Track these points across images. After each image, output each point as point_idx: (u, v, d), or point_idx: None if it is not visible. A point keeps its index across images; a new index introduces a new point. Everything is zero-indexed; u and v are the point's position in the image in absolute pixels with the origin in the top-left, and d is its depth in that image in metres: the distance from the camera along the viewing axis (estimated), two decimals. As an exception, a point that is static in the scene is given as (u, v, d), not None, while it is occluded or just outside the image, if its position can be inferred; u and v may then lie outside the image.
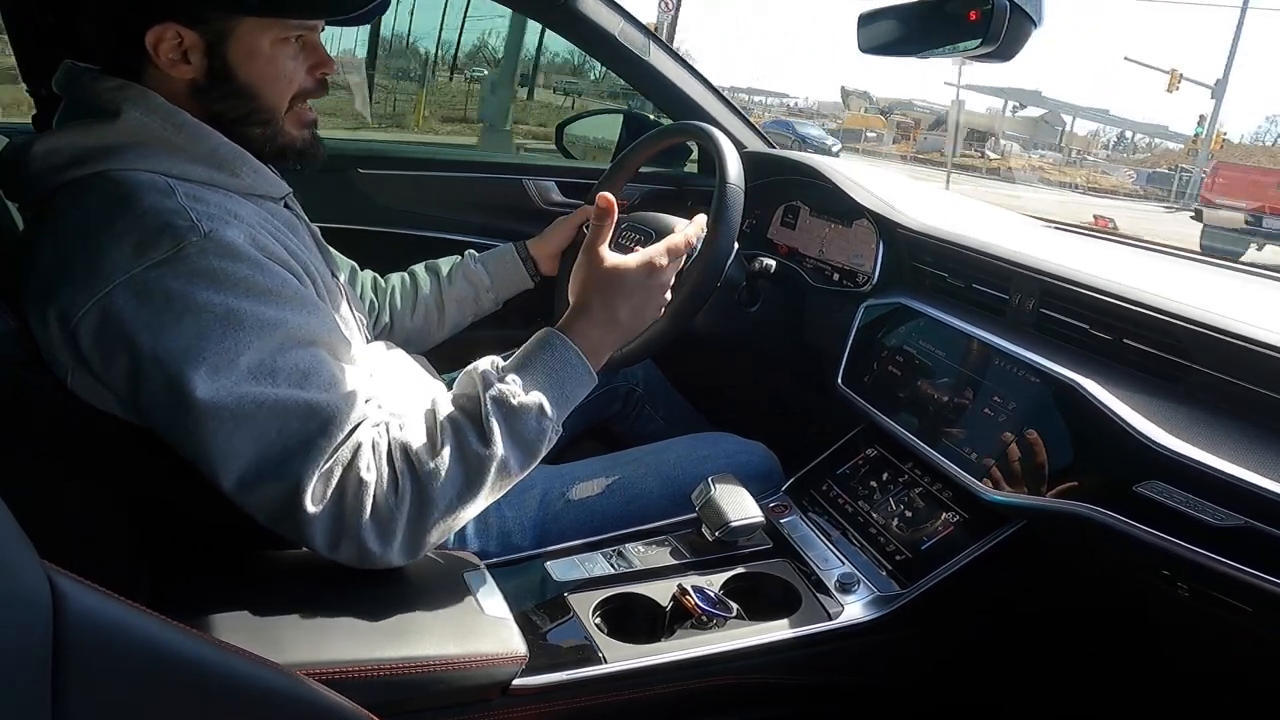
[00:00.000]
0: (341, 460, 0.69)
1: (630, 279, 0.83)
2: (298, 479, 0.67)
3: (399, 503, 0.70)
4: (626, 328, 0.84)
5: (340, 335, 0.77)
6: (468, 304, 1.20)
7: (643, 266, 0.83)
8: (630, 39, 1.45)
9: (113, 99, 0.74)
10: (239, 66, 0.76)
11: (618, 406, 1.39)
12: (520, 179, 1.59)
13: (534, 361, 0.77)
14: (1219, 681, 0.93)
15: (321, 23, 0.82)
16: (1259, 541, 0.66)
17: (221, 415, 0.66)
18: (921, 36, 0.91)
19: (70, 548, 0.45)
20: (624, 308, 0.83)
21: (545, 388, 0.76)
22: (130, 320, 0.66)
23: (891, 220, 1.15)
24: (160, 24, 0.72)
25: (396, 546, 0.70)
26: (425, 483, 0.70)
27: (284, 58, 0.78)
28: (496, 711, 0.74)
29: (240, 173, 0.77)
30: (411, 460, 0.71)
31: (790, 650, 0.84)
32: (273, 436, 0.67)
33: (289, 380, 0.68)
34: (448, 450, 0.71)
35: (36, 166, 0.72)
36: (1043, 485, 0.81)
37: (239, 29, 0.75)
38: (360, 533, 0.69)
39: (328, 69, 0.83)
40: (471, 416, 0.73)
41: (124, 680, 0.37)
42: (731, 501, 0.91)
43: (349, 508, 0.68)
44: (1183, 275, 1.11)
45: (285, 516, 0.69)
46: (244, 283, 0.69)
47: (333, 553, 0.70)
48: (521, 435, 0.74)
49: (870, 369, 1.07)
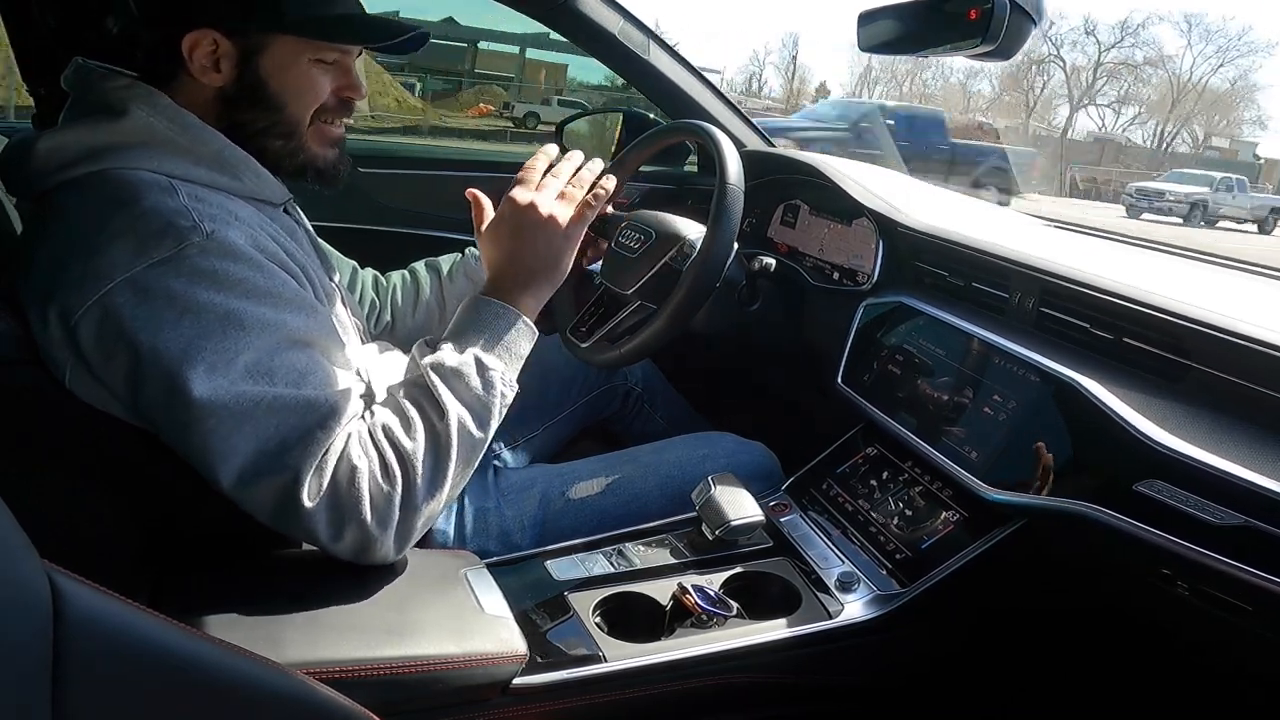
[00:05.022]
0: (335, 451, 0.69)
1: (501, 221, 0.88)
2: (295, 473, 0.68)
3: (392, 486, 0.70)
4: (528, 267, 0.86)
5: (337, 337, 0.77)
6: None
7: (506, 204, 0.89)
8: (630, 38, 1.45)
9: (120, 98, 0.74)
10: (269, 80, 0.77)
11: (617, 406, 1.39)
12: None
13: (463, 325, 0.81)
14: (1219, 681, 0.93)
15: (359, 50, 0.82)
16: (1259, 540, 0.65)
17: (220, 413, 0.66)
18: (921, 35, 0.91)
19: (70, 548, 0.45)
20: (509, 247, 0.87)
21: (479, 345, 0.78)
22: (130, 319, 0.66)
23: (891, 219, 1.15)
24: (200, 30, 0.73)
25: (392, 532, 0.71)
26: (410, 463, 0.72)
27: (315, 75, 0.79)
28: (496, 711, 0.74)
29: (242, 176, 0.78)
30: (394, 443, 0.72)
31: (790, 649, 0.84)
32: (270, 434, 0.68)
33: (286, 380, 0.69)
34: (417, 427, 0.73)
35: (40, 163, 0.72)
36: (1043, 484, 0.81)
37: (276, 45, 0.76)
38: (361, 520, 0.69)
39: (355, 95, 0.83)
40: (422, 390, 0.75)
41: (124, 680, 0.37)
42: (731, 500, 0.91)
43: (346, 496, 0.69)
44: (1183, 274, 1.11)
45: (285, 512, 0.69)
46: (244, 284, 0.69)
47: (335, 543, 0.70)
48: (471, 395, 0.75)
49: (870, 368, 1.07)
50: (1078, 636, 1.02)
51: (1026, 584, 0.95)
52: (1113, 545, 0.77)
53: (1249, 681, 0.87)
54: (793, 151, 1.49)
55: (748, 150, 1.50)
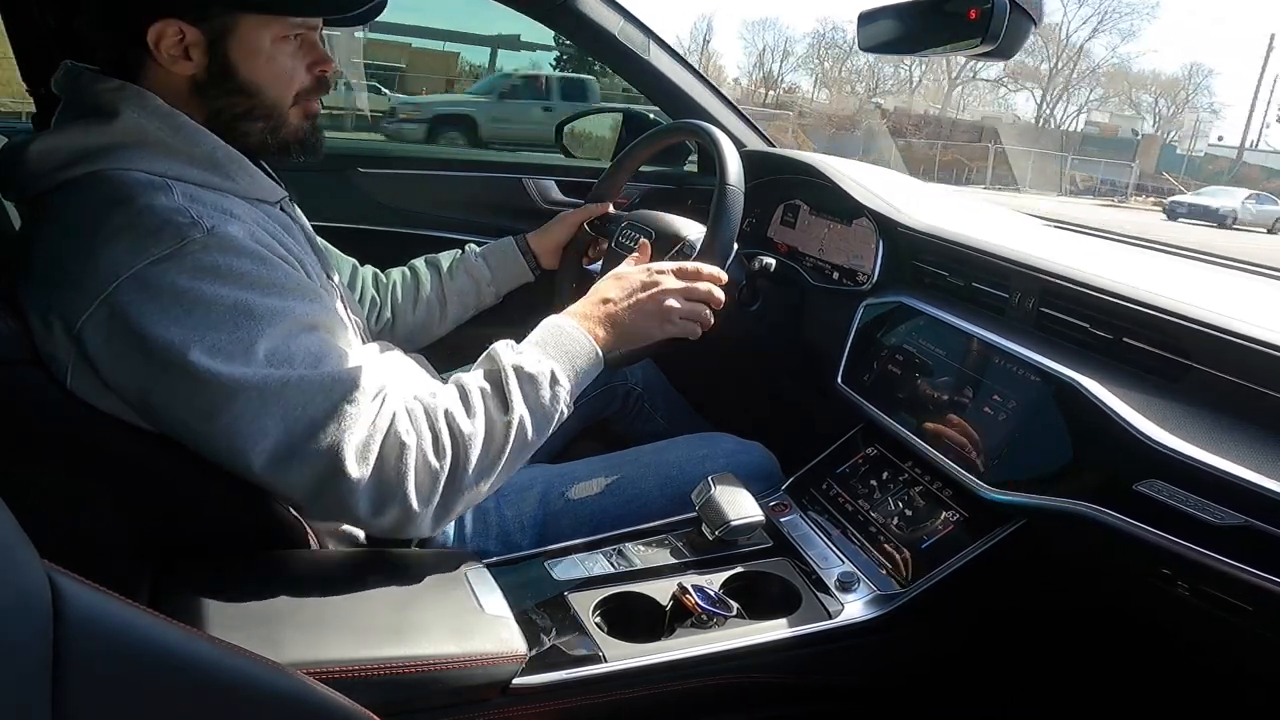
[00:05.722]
0: (380, 427, 0.72)
1: (631, 279, 0.92)
2: (335, 448, 0.69)
3: (441, 465, 0.73)
4: (623, 326, 0.90)
5: (343, 322, 0.79)
6: (469, 298, 1.21)
7: (643, 271, 0.93)
8: (630, 38, 1.45)
9: (111, 100, 0.74)
10: (240, 64, 0.77)
11: (617, 406, 1.39)
12: (520, 178, 1.59)
13: (547, 340, 0.85)
14: (1219, 681, 0.93)
15: (320, 22, 0.83)
16: (1259, 540, 0.66)
17: (247, 395, 0.67)
18: (921, 35, 0.91)
19: (70, 547, 0.45)
20: (621, 304, 0.90)
21: (558, 363, 0.82)
22: (138, 316, 0.66)
23: (891, 219, 1.15)
24: (163, 20, 0.73)
25: (432, 509, 0.74)
26: (463, 445, 0.74)
27: (284, 55, 0.80)
28: (496, 711, 0.74)
29: (236, 176, 0.78)
30: (451, 424, 0.75)
31: (790, 649, 0.84)
32: (298, 413, 0.69)
33: (305, 363, 0.70)
34: (479, 414, 0.76)
35: (33, 166, 0.72)
36: (1043, 484, 0.81)
37: (240, 26, 0.76)
38: (405, 495, 0.71)
39: (326, 67, 0.84)
40: (494, 384, 0.79)
41: (124, 680, 0.37)
42: (731, 500, 0.91)
43: (392, 471, 0.71)
44: (1183, 274, 1.11)
45: (326, 489, 0.70)
46: (248, 276, 0.70)
47: (377, 518, 0.72)
48: (538, 401, 0.79)
49: (870, 368, 1.07)
50: (1078, 636, 1.02)
51: (1026, 584, 0.95)
52: (1113, 545, 0.77)
53: (1249, 681, 0.87)
54: (793, 151, 1.49)
55: (748, 150, 1.50)
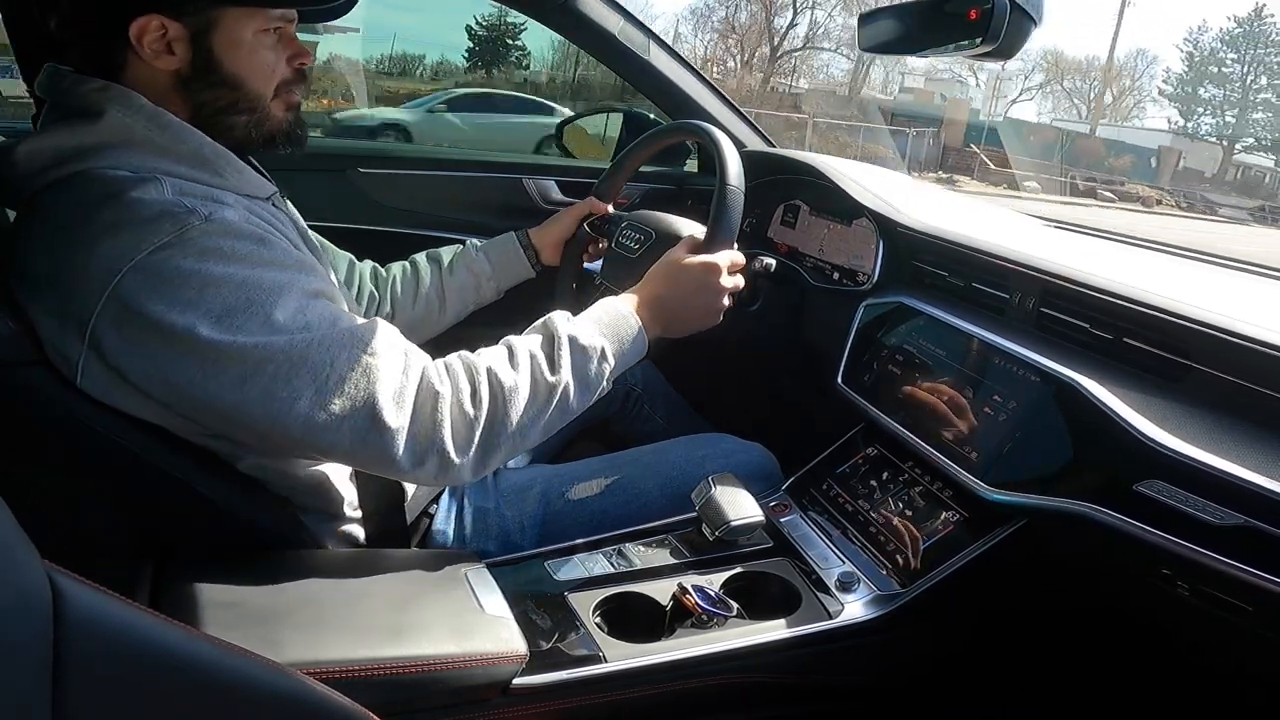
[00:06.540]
0: (412, 378, 0.74)
1: (689, 271, 0.95)
2: (370, 399, 0.71)
3: (477, 414, 0.75)
4: (673, 317, 0.94)
5: (341, 292, 0.81)
6: (469, 293, 1.21)
7: (702, 263, 0.95)
8: (630, 38, 1.45)
9: (96, 100, 0.74)
10: (223, 57, 0.78)
11: (617, 406, 1.39)
12: (520, 178, 1.59)
13: (602, 318, 0.88)
14: (1219, 681, 0.93)
15: (296, 15, 0.84)
16: (1259, 541, 0.65)
17: (274, 360, 0.69)
18: (921, 35, 0.91)
19: (70, 547, 0.45)
20: (674, 294, 0.94)
21: (610, 342, 0.86)
22: (150, 303, 0.67)
23: (891, 219, 1.15)
24: (144, 15, 0.73)
25: (470, 458, 0.75)
26: (503, 398, 0.77)
27: (264, 48, 0.80)
28: (496, 711, 0.74)
29: (224, 172, 0.78)
30: (492, 378, 0.77)
31: (790, 649, 0.84)
32: (327, 370, 0.70)
33: (321, 325, 0.72)
34: (524, 371, 0.79)
35: (21, 169, 0.73)
36: (1043, 484, 0.81)
37: (222, 19, 0.77)
38: (442, 443, 0.73)
39: (305, 59, 0.86)
40: (545, 348, 0.82)
41: (124, 680, 0.37)
42: (731, 501, 0.91)
43: (427, 419, 0.73)
44: (1183, 274, 1.11)
45: (369, 441, 0.71)
46: (251, 255, 0.71)
47: (417, 469, 0.74)
48: (585, 372, 0.82)
49: (870, 368, 1.07)
50: (1078, 636, 1.02)
51: (1027, 584, 0.95)
52: (1113, 545, 0.77)
53: (1249, 681, 0.87)
54: (793, 151, 1.49)
55: (748, 150, 1.50)
